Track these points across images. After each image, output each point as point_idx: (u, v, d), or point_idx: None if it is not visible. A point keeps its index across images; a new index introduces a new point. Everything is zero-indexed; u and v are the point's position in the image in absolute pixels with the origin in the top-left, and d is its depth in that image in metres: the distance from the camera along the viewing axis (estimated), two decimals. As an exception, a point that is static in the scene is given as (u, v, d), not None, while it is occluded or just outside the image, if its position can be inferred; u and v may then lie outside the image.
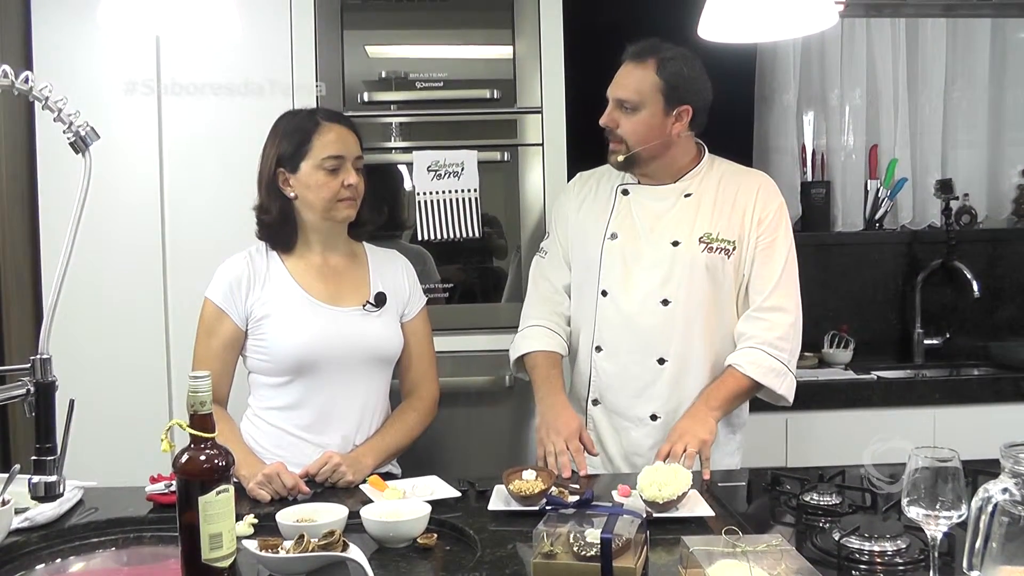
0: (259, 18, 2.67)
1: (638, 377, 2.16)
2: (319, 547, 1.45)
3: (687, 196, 2.18)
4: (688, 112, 2.13)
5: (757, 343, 2.10)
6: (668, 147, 2.16)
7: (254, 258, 2.09)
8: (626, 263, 2.18)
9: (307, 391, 2.03)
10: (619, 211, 2.23)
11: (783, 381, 2.10)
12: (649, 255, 2.16)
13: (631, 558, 1.36)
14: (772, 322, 2.11)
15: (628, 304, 2.16)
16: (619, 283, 2.18)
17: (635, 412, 2.17)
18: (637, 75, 2.12)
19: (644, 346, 2.15)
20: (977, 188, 3.66)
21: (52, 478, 1.41)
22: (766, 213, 2.15)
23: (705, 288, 2.13)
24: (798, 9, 1.66)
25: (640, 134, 2.13)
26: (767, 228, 2.14)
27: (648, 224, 2.18)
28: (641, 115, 2.12)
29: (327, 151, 2.02)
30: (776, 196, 2.19)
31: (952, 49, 3.61)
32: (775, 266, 2.13)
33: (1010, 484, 1.15)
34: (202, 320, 2.06)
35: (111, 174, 2.62)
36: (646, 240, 2.17)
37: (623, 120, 2.13)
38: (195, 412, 1.35)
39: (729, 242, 2.13)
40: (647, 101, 2.11)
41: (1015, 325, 3.56)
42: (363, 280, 2.13)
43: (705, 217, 2.15)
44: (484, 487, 1.83)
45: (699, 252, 2.13)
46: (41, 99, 1.46)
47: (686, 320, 2.13)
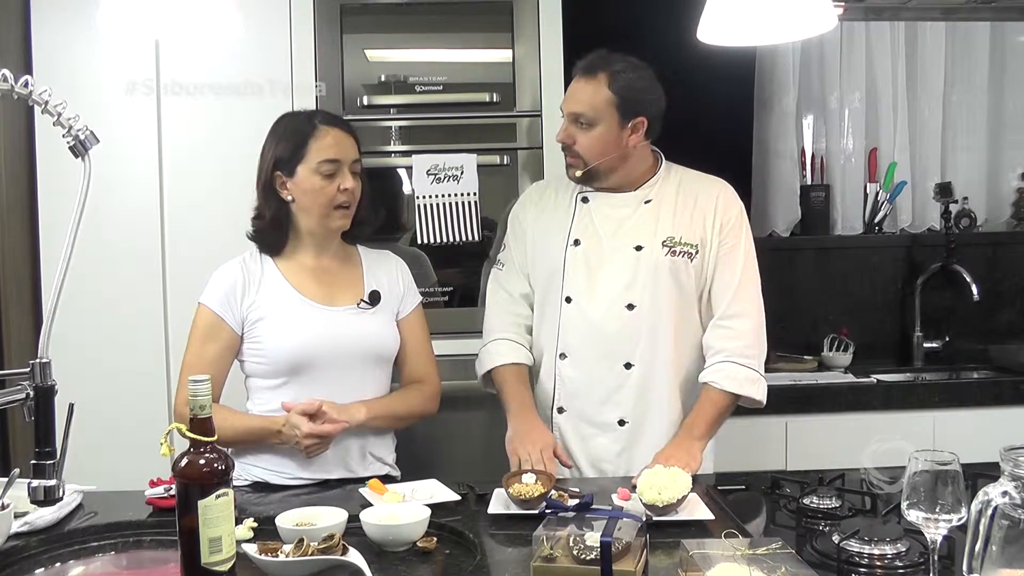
0: (259, 19, 2.67)
1: (604, 383, 2.15)
2: (319, 551, 1.45)
3: (647, 202, 2.18)
4: (643, 123, 2.11)
5: (727, 356, 2.11)
6: (625, 159, 2.15)
7: (248, 263, 2.09)
8: (590, 269, 2.16)
9: (305, 392, 2.02)
10: (580, 218, 2.21)
11: (758, 387, 2.12)
12: (612, 260, 2.15)
13: (631, 562, 1.36)
14: (737, 330, 2.12)
15: (593, 310, 2.15)
16: (583, 289, 2.16)
17: (602, 418, 2.15)
18: (589, 90, 2.10)
19: (610, 351, 2.14)
20: (976, 191, 3.66)
21: (51, 482, 1.41)
22: (727, 218, 2.16)
23: (670, 291, 2.13)
24: (797, 12, 1.66)
25: (596, 149, 2.12)
26: (729, 233, 2.15)
27: (610, 230, 2.17)
28: (597, 130, 2.10)
29: (323, 155, 2.02)
30: (736, 202, 2.20)
31: (951, 52, 3.62)
32: (735, 272, 2.14)
33: (1010, 487, 1.15)
34: (196, 326, 2.05)
35: (110, 175, 2.62)
36: (609, 245, 2.16)
37: (579, 136, 2.12)
38: (195, 416, 1.35)
39: (692, 245, 2.14)
40: (601, 116, 2.09)
41: (1015, 328, 3.56)
42: (356, 280, 2.14)
43: (667, 222, 2.15)
44: (484, 491, 1.83)
45: (663, 256, 2.13)
46: (40, 103, 1.46)
47: (651, 324, 2.13)
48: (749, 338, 2.12)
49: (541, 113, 2.77)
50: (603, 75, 2.10)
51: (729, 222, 2.16)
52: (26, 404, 1.41)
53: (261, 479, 2.05)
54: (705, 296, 2.17)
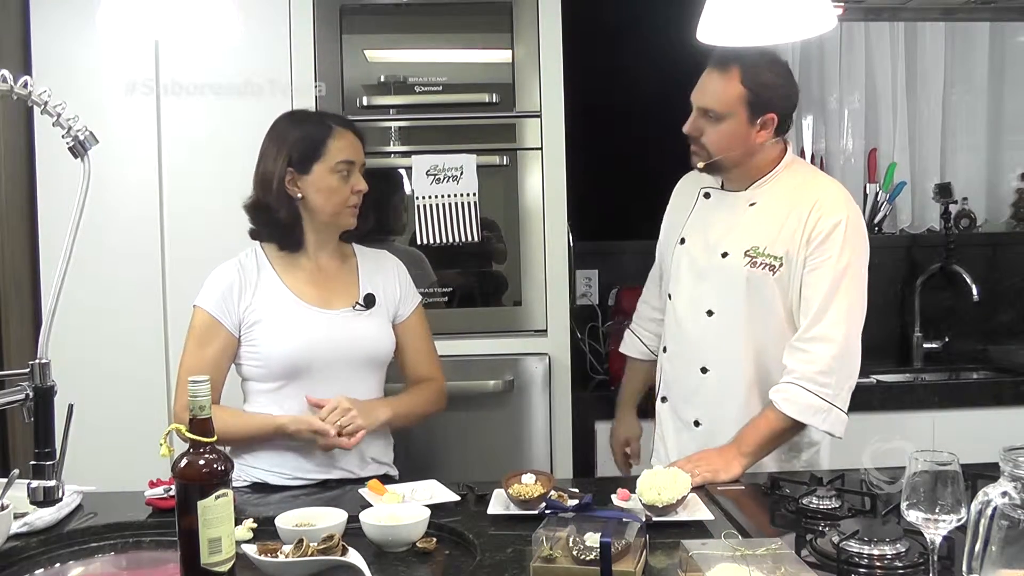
0: (258, 20, 2.67)
1: (686, 382, 2.18)
2: (318, 551, 1.45)
3: (752, 205, 2.12)
4: (773, 120, 2.06)
5: (796, 378, 2.00)
6: (751, 154, 2.09)
7: (244, 265, 2.09)
8: (689, 269, 2.18)
9: (302, 396, 2.02)
10: (695, 216, 2.22)
11: (824, 417, 1.99)
12: (702, 264, 2.15)
13: (631, 562, 1.36)
14: (813, 354, 1.99)
15: (682, 310, 2.18)
16: (679, 289, 2.20)
17: (685, 415, 2.19)
18: (721, 84, 2.04)
19: (691, 353, 2.16)
20: (976, 192, 3.67)
21: (51, 483, 1.40)
22: (817, 232, 2.01)
23: (747, 302, 2.07)
24: (797, 12, 1.66)
25: (723, 144, 2.07)
26: (816, 248, 2.01)
27: (714, 230, 2.15)
28: (725, 125, 2.05)
29: (341, 156, 2.04)
30: (836, 211, 2.03)
31: (951, 53, 3.62)
32: (820, 290, 2.00)
33: (1009, 488, 1.15)
34: (193, 329, 2.05)
35: (110, 174, 2.62)
36: (704, 248, 2.15)
37: (707, 129, 2.07)
38: (194, 417, 1.35)
39: (776, 258, 2.04)
40: (732, 112, 2.04)
41: (1014, 329, 3.56)
42: (352, 282, 2.14)
43: (759, 230, 2.08)
44: (483, 491, 1.83)
45: (742, 266, 2.07)
46: (40, 104, 1.45)
47: (728, 332, 2.10)
48: (826, 364, 1.98)
49: (541, 113, 2.76)
50: (736, 69, 2.03)
51: (819, 236, 2.01)
52: (26, 405, 1.41)
53: (261, 480, 2.04)
54: (793, 310, 2.06)
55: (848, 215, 2.03)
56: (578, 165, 2.83)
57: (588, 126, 2.40)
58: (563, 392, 2.77)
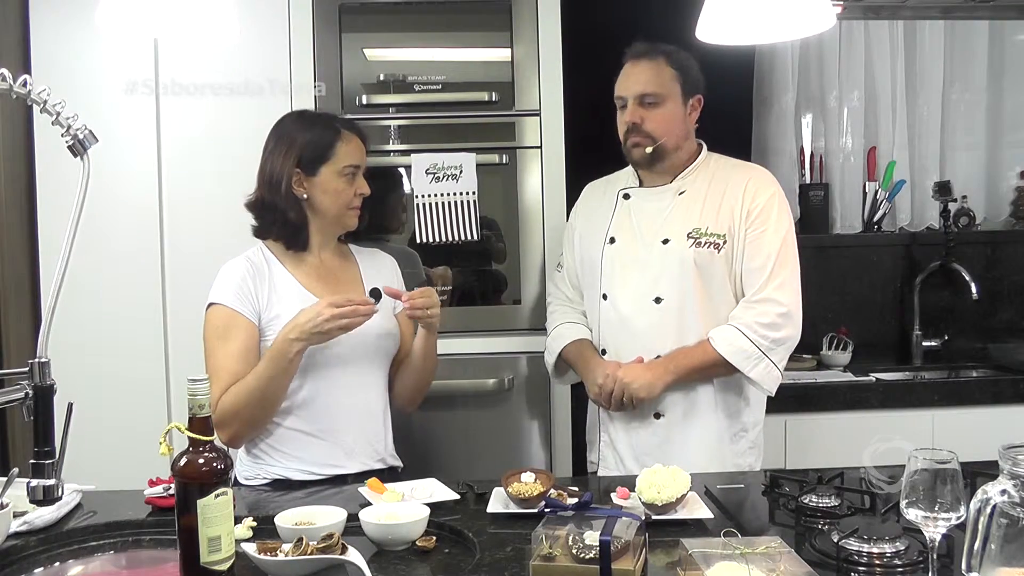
0: (258, 19, 2.68)
1: None
2: (318, 550, 1.45)
3: (681, 194, 2.21)
4: (700, 102, 2.22)
5: (738, 324, 2.12)
6: (687, 137, 2.22)
7: (254, 261, 2.09)
8: (624, 266, 2.22)
9: (316, 390, 2.03)
10: (619, 215, 2.27)
11: (755, 366, 2.09)
12: (642, 256, 2.20)
13: (630, 560, 1.36)
14: (759, 310, 2.12)
15: (625, 306, 2.20)
16: (616, 286, 2.22)
17: (641, 411, 2.19)
18: (653, 70, 2.17)
19: (641, 346, 2.18)
20: (975, 190, 3.66)
21: (50, 481, 1.40)
22: (755, 205, 2.16)
23: (696, 284, 2.14)
24: (796, 11, 1.66)
25: (666, 126, 2.18)
26: (755, 220, 2.15)
27: (645, 226, 2.22)
28: (666, 107, 2.17)
29: (349, 159, 2.07)
30: (767, 187, 2.19)
31: (950, 51, 3.62)
32: (768, 257, 2.13)
33: (1008, 486, 1.15)
34: (212, 328, 2.02)
35: (110, 174, 2.62)
36: (640, 242, 2.21)
37: (648, 115, 2.17)
38: (194, 415, 1.35)
39: (719, 236, 2.15)
40: (668, 93, 2.17)
41: (1013, 327, 3.57)
42: (355, 278, 2.17)
43: (695, 213, 2.17)
44: (483, 489, 1.83)
45: (687, 248, 2.15)
46: (39, 102, 1.45)
47: (679, 317, 2.16)
48: (771, 319, 2.10)
49: (540, 112, 2.76)
50: (661, 56, 2.18)
51: (756, 209, 2.15)
52: (25, 403, 1.40)
53: (282, 476, 2.04)
54: (737, 285, 2.17)
55: (777, 191, 2.20)
56: (577, 164, 2.83)
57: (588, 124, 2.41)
58: (562, 390, 2.77)
